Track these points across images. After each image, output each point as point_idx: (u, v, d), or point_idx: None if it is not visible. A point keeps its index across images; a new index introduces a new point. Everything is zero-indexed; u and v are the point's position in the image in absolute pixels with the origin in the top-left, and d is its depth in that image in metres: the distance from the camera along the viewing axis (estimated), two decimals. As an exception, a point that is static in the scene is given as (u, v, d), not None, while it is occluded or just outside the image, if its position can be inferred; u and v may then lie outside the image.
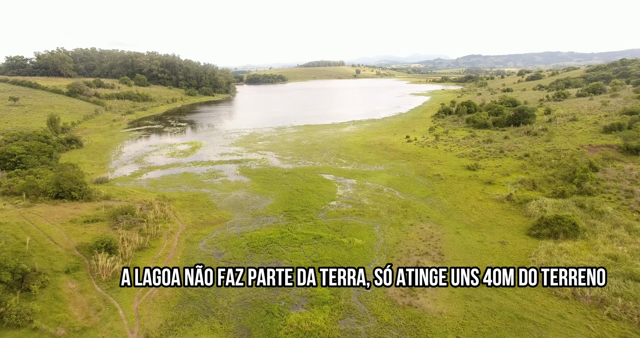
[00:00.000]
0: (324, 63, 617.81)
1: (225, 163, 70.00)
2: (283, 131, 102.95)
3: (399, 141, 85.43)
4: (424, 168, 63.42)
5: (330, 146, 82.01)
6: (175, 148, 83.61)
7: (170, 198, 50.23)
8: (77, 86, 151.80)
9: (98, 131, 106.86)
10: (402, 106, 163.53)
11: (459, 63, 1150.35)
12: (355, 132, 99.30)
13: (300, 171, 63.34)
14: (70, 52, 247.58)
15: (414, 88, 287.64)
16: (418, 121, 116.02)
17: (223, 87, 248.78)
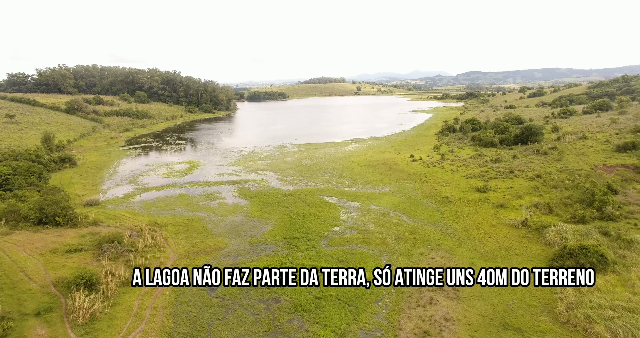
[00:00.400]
0: (325, 80, 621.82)
1: (223, 183, 67.05)
2: (283, 150, 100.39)
3: (404, 160, 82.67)
4: (431, 190, 60.39)
5: (332, 166, 79.21)
6: (172, 167, 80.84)
7: (162, 224, 47.09)
8: (75, 103, 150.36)
9: (94, 148, 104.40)
10: (404, 123, 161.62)
11: (459, 80, 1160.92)
12: (358, 151, 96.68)
13: (302, 193, 60.33)
14: (71, 69, 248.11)
15: (416, 105, 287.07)
16: (422, 139, 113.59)
17: (223, 104, 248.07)
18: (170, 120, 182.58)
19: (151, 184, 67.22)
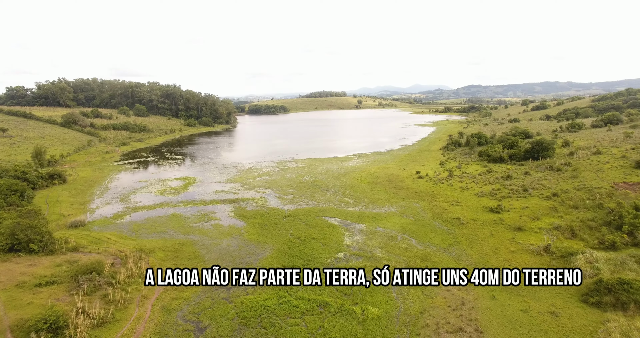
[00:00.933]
0: (326, 94, 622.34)
1: (219, 202, 63.12)
2: (284, 166, 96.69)
3: (409, 176, 78.85)
4: (440, 210, 56.39)
5: (335, 183, 75.35)
6: (166, 184, 77.04)
7: (150, 248, 43.08)
8: (71, 116, 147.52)
9: (88, 163, 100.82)
10: (407, 137, 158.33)
11: (460, 93, 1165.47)
12: (361, 166, 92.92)
13: (302, 213, 56.35)
14: (71, 82, 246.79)
15: (418, 119, 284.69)
16: (426, 154, 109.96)
17: (223, 117, 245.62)
18: (168, 134, 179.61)
19: (143, 203, 63.31)
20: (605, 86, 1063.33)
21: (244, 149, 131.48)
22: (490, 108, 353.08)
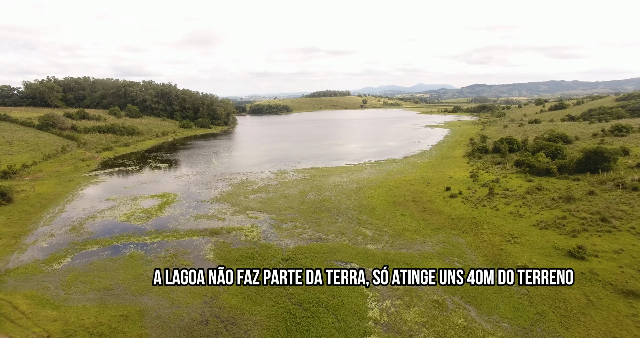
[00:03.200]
0: (330, 93, 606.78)
1: (196, 235, 48.16)
2: (284, 177, 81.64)
3: (438, 194, 63.75)
4: (493, 250, 41.27)
5: (347, 204, 60.26)
6: (138, 205, 62.23)
7: (73, 329, 28.21)
8: (49, 118, 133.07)
9: (55, 174, 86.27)
10: (422, 141, 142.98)
11: (464, 93, 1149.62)
12: (376, 179, 77.77)
13: (306, 254, 41.33)
14: (60, 81, 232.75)
15: (428, 119, 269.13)
16: (449, 162, 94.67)
17: (222, 118, 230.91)
18: (160, 137, 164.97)
19: (98, 234, 48.51)
20: (613, 84, 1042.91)
21: (240, 155, 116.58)
22: (502, 108, 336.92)
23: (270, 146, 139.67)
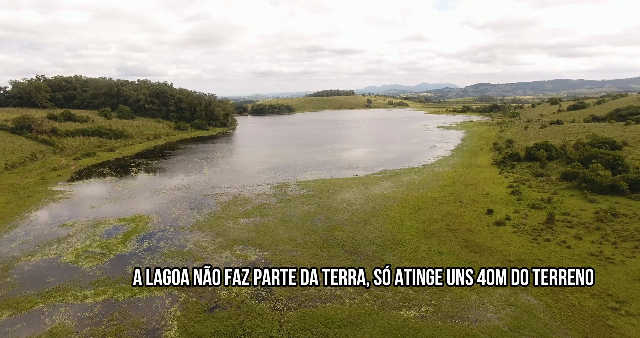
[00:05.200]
0: (334, 92, 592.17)
1: (159, 290, 34.62)
2: (284, 193, 68.06)
3: (478, 218, 50.15)
4: (594, 326, 27.61)
5: (364, 234, 46.68)
6: (97, 234, 48.88)
7: None
8: (25, 120, 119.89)
9: (13, 189, 73.17)
10: (437, 145, 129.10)
11: (468, 92, 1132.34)
12: (395, 195, 64.10)
13: (313, 329, 27.85)
14: (50, 80, 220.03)
15: (437, 120, 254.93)
16: (478, 173, 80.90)
17: (220, 119, 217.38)
18: (151, 140, 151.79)
19: (22, 288, 35.17)
20: (619, 83, 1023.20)
21: (234, 163, 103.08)
22: (514, 107, 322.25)
23: (270, 150, 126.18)
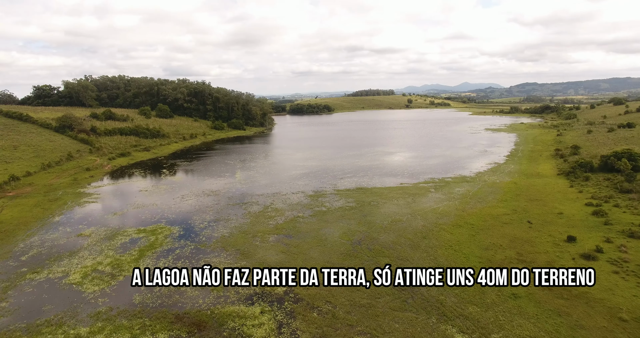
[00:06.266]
0: (373, 92, 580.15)
1: (165, 328, 28.57)
2: (321, 204, 60.92)
3: (557, 248, 40.70)
4: None
5: (415, 261, 38.54)
6: (112, 248, 44.01)
7: None
8: (67, 119, 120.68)
9: (45, 190, 70.92)
10: (489, 149, 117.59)
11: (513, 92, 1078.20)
12: (448, 211, 55.30)
13: None
14: (97, 80, 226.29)
15: (483, 121, 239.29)
16: (541, 184, 70.13)
17: (257, 119, 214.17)
18: (187, 140, 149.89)
19: (8, 321, 30.30)
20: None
21: (270, 166, 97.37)
22: (569, 108, 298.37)
23: (307, 153, 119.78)
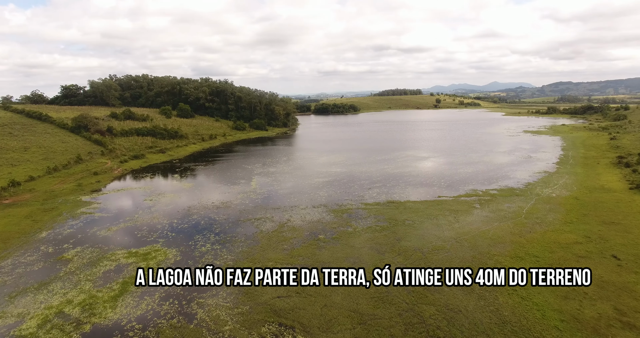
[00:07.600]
0: (400, 91, 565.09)
1: None
2: (345, 223, 51.96)
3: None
4: None
5: (470, 313, 29.16)
6: (96, 275, 36.57)
7: None
8: (83, 119, 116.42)
9: (44, 197, 65.08)
10: (533, 155, 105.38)
11: (545, 91, 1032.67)
12: (502, 235, 45.18)
13: None
14: (121, 79, 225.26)
15: (520, 122, 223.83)
16: (612, 201, 58.61)
17: (280, 119, 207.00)
18: (206, 141, 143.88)
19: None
20: None
21: (290, 172, 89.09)
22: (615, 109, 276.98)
23: (331, 157, 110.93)
